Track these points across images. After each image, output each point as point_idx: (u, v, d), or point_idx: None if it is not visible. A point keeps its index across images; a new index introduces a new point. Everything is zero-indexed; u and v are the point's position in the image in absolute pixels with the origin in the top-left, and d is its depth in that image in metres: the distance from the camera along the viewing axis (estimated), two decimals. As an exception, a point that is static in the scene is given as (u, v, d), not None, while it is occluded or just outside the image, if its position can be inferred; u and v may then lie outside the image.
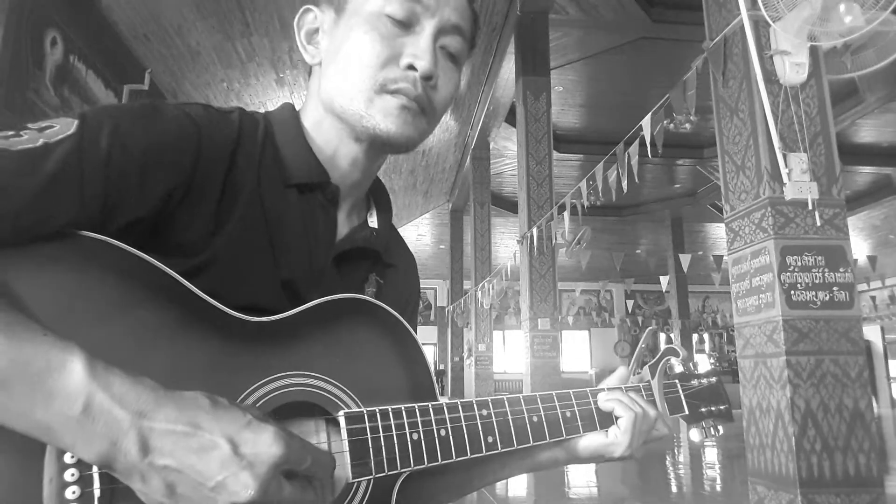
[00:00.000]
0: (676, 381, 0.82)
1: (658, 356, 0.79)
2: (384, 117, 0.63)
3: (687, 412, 0.80)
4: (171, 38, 5.82)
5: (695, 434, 0.82)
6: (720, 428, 0.83)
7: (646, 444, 0.74)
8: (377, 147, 0.67)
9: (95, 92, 5.21)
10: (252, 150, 0.63)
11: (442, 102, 0.68)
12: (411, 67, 0.63)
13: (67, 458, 0.44)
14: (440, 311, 18.55)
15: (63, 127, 0.50)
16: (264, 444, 0.44)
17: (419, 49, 0.63)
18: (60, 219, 0.48)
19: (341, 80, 0.64)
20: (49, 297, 0.47)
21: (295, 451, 0.45)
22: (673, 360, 0.80)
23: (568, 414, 0.71)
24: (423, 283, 20.74)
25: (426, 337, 19.00)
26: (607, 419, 0.73)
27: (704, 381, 0.84)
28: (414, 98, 0.63)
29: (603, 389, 0.75)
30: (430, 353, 19.31)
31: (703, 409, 0.82)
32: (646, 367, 0.80)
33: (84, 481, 0.44)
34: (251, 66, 6.69)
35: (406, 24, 0.63)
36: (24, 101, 4.21)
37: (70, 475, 0.44)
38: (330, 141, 0.68)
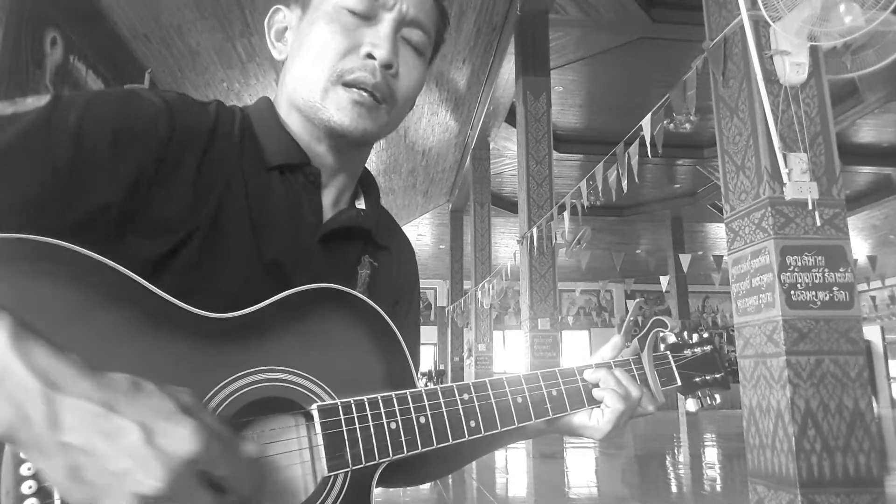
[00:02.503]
0: (668, 352, 0.80)
1: (645, 328, 0.78)
2: (337, 110, 0.63)
3: (680, 383, 0.79)
4: (171, 38, 5.81)
5: (691, 405, 0.81)
6: (717, 397, 0.82)
7: (630, 420, 0.73)
8: (335, 139, 0.66)
9: (95, 92, 5.20)
10: (230, 136, 0.64)
11: (405, 92, 0.68)
12: (370, 56, 0.63)
13: (24, 470, 0.43)
14: (440, 311, 18.54)
15: (36, 101, 0.51)
16: (181, 437, 0.40)
17: (378, 38, 0.64)
18: (29, 187, 0.48)
19: (302, 73, 0.65)
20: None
21: (215, 453, 0.41)
22: (664, 331, 0.79)
23: (554, 393, 0.70)
24: (423, 283, 20.64)
25: (426, 337, 18.99)
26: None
27: (698, 350, 0.83)
28: (371, 87, 0.63)
29: (591, 366, 0.74)
30: (429, 353, 19.28)
31: (697, 379, 0.81)
32: (635, 340, 0.78)
33: (43, 493, 0.43)
34: (251, 66, 6.69)
35: (365, 17, 0.64)
36: (24, 101, 4.21)
37: (27, 488, 0.42)
38: (300, 136, 0.68)
